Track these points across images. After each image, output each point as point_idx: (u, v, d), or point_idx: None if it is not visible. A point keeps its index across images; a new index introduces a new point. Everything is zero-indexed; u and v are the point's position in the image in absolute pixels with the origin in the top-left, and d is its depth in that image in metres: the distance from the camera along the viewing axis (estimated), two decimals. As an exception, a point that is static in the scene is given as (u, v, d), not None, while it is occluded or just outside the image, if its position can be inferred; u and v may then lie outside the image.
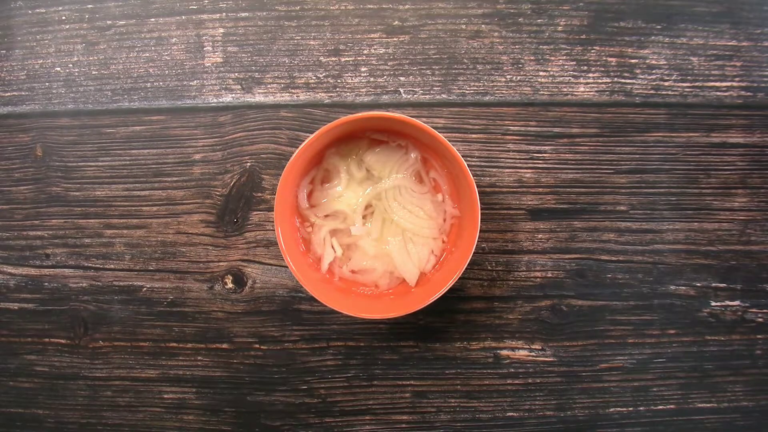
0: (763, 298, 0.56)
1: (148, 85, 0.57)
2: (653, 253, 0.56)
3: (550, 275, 0.56)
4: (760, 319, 0.56)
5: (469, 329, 0.57)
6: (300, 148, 0.47)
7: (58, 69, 0.58)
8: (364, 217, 0.53)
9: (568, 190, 0.56)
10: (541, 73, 0.56)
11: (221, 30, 0.57)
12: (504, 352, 0.57)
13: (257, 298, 0.57)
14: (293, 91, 0.57)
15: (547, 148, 0.56)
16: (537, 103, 0.56)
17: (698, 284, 0.56)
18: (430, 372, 0.57)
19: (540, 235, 0.56)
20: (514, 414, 0.57)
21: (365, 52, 0.57)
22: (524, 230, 0.56)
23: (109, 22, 0.57)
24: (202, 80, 0.57)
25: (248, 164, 0.57)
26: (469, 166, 0.48)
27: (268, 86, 0.57)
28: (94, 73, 0.57)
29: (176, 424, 0.57)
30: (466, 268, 0.51)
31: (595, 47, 0.56)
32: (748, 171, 0.56)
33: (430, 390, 0.57)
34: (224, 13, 0.57)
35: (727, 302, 0.56)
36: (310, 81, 0.57)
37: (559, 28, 0.56)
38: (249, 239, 0.57)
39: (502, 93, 0.56)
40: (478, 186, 0.47)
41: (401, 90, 0.56)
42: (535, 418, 0.57)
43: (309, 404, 0.57)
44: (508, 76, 0.56)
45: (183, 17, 0.57)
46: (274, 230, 0.55)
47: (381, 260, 0.53)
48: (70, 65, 0.58)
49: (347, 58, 0.57)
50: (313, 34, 0.57)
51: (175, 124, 0.57)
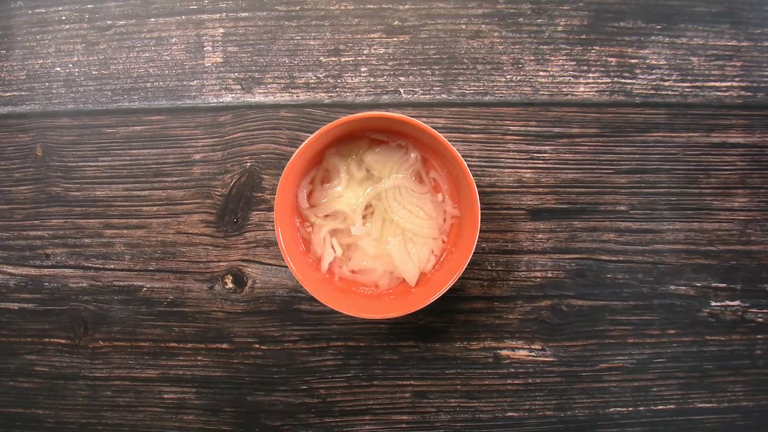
0: (763, 298, 0.56)
1: (148, 85, 0.57)
2: (653, 253, 0.56)
3: (550, 275, 0.56)
4: (760, 319, 0.56)
5: (469, 329, 0.57)
6: (300, 148, 0.47)
7: (58, 69, 0.58)
8: (364, 217, 0.53)
9: (568, 190, 0.56)
10: (541, 73, 0.56)
11: (221, 30, 0.57)
12: (504, 352, 0.57)
13: (257, 298, 0.57)
14: (293, 91, 0.57)
15: (547, 148, 0.56)
16: (537, 103, 0.56)
17: (698, 284, 0.56)
18: (430, 372, 0.57)
19: (540, 235, 0.56)
20: (514, 414, 0.57)
21: (365, 52, 0.57)
22: (524, 230, 0.56)
23: (109, 22, 0.57)
24: (202, 80, 0.57)
25: (248, 164, 0.57)
26: (469, 166, 0.48)
27: (268, 86, 0.57)
28: (94, 73, 0.57)
29: (176, 424, 0.57)
30: (466, 268, 0.51)
31: (595, 47, 0.56)
32: (748, 171, 0.56)
33: (430, 390, 0.57)
34: (224, 13, 0.57)
35: (727, 302, 0.56)
36: (310, 81, 0.57)
37: (559, 28, 0.56)
38: (249, 239, 0.57)
39: (502, 93, 0.56)
40: (478, 186, 0.47)
41: (401, 90, 0.56)
42: (535, 418, 0.57)
43: (309, 404, 0.57)
44: (508, 76, 0.56)
45: (183, 17, 0.57)
46: (274, 230, 0.55)
47: (381, 260, 0.53)
48: (70, 65, 0.58)
49: (347, 58, 0.57)
50: (313, 34, 0.57)
51: (175, 124, 0.57)
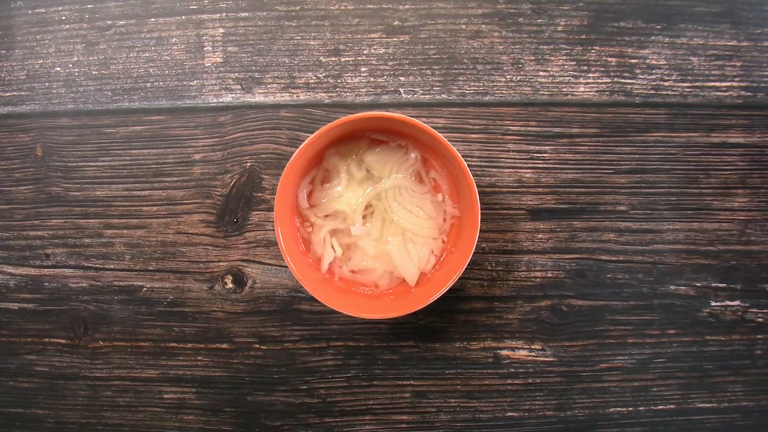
0: (763, 298, 0.56)
1: (148, 85, 0.57)
2: (653, 253, 0.56)
3: (550, 275, 0.56)
4: (760, 319, 0.56)
5: (469, 329, 0.57)
6: (300, 148, 0.47)
7: (58, 69, 0.58)
8: (364, 217, 0.53)
9: (568, 190, 0.56)
10: (541, 73, 0.56)
11: (221, 30, 0.57)
12: (504, 352, 0.57)
13: (257, 298, 0.57)
14: (293, 91, 0.57)
15: (547, 148, 0.56)
16: (537, 103, 0.56)
17: (698, 284, 0.56)
18: (430, 372, 0.57)
19: (540, 235, 0.56)
20: (514, 414, 0.57)
21: (365, 52, 0.57)
22: (524, 230, 0.56)
23: (109, 22, 0.57)
24: (202, 80, 0.57)
25: (248, 164, 0.57)
26: (469, 166, 0.48)
27: (268, 86, 0.57)
28: (94, 73, 0.57)
29: (176, 424, 0.57)
30: (466, 268, 0.51)
31: (595, 47, 0.56)
32: (748, 171, 0.56)
33: (430, 390, 0.57)
34: (224, 13, 0.57)
35: (727, 302, 0.56)
36: (310, 81, 0.57)
37: (559, 28, 0.56)
38: (249, 239, 0.57)
39: (502, 93, 0.56)
40: (478, 186, 0.47)
41: (401, 90, 0.56)
42: (535, 418, 0.57)
43: (309, 404, 0.57)
44: (508, 76, 0.56)
45: (183, 17, 0.57)
46: (274, 230, 0.55)
47: (381, 260, 0.53)
48: (70, 65, 0.58)
49: (347, 58, 0.57)
50: (313, 34, 0.57)
51: (175, 124, 0.57)
